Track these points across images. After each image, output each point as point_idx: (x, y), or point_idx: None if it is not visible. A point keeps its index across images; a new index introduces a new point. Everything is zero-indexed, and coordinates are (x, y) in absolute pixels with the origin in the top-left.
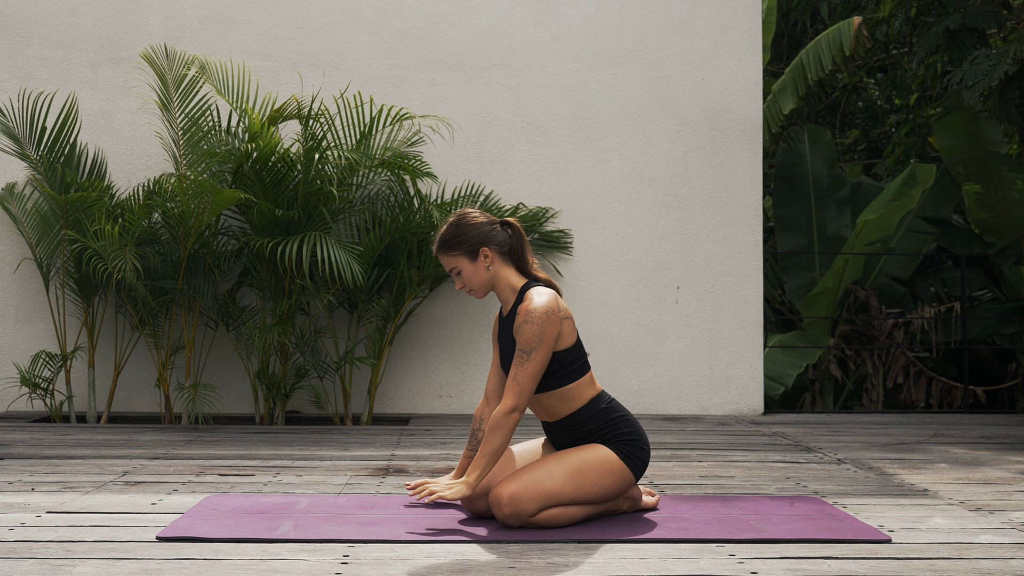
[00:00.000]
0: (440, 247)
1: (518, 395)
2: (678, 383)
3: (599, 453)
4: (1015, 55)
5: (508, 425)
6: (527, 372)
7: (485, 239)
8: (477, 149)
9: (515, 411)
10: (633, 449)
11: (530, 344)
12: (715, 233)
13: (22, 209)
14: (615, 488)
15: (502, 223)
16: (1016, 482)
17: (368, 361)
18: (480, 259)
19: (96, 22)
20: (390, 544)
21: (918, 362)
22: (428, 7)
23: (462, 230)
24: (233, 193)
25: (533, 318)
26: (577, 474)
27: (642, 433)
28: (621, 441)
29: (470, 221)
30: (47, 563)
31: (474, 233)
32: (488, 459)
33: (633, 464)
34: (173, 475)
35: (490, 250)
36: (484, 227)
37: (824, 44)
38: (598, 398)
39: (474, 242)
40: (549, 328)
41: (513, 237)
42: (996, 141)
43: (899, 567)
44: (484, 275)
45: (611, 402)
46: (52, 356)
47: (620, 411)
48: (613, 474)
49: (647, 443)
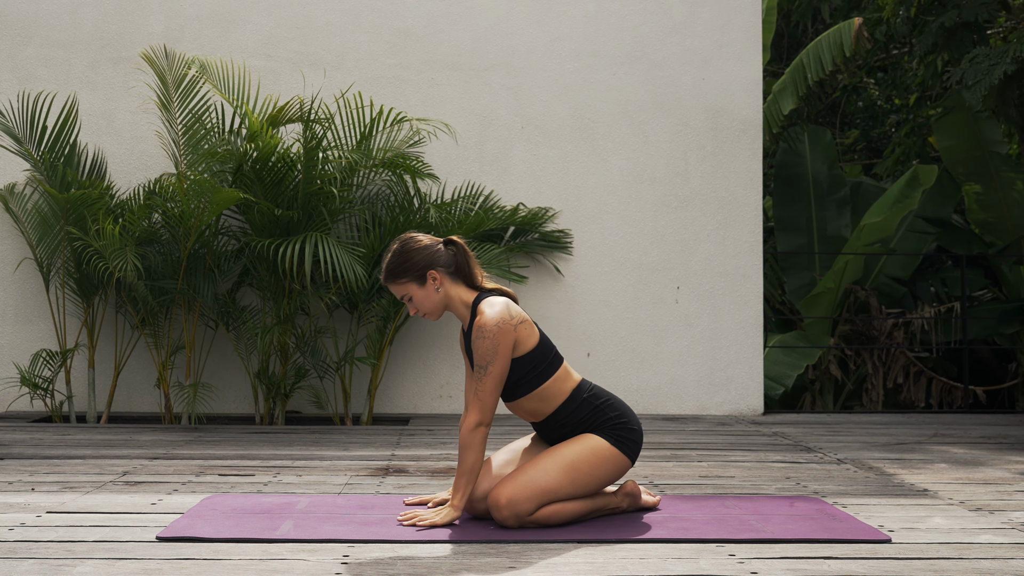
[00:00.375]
0: (387, 276)
1: (481, 410)
2: (678, 383)
3: (590, 443)
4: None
5: (477, 440)
6: (487, 386)
7: (431, 262)
8: (477, 149)
9: (481, 425)
10: (623, 432)
11: (485, 358)
12: (715, 233)
13: (22, 209)
14: (611, 476)
15: (445, 242)
16: (1016, 482)
17: (368, 361)
18: (429, 282)
19: (96, 22)
20: (390, 544)
21: (918, 362)
22: (428, 7)
23: (407, 256)
24: (233, 193)
25: (485, 332)
26: (571, 469)
27: (630, 414)
28: (610, 427)
29: (414, 246)
30: (47, 563)
31: (419, 258)
32: (467, 477)
33: (625, 448)
34: (173, 475)
35: (437, 272)
36: (428, 250)
37: (824, 44)
38: (578, 389)
39: (420, 267)
40: (502, 339)
41: (458, 255)
42: (996, 141)
43: (899, 567)
44: (435, 298)
45: (593, 389)
46: (52, 356)
47: (603, 396)
48: (607, 462)
49: (637, 423)
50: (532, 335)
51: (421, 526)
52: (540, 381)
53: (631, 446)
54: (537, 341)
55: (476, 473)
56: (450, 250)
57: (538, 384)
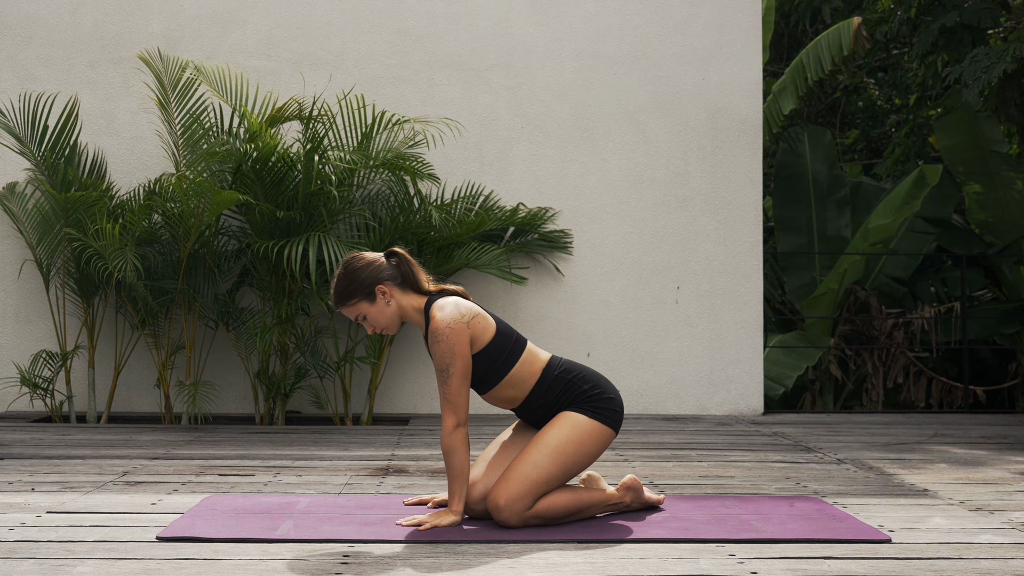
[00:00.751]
0: (338, 301)
1: (454, 411)
2: (678, 383)
3: (569, 422)
4: (1014, 54)
5: (458, 442)
6: (452, 388)
7: (377, 278)
8: (477, 149)
9: (458, 426)
10: (600, 403)
11: (444, 361)
12: (715, 233)
13: (23, 209)
14: (597, 450)
15: (387, 255)
16: (1016, 482)
17: (368, 361)
18: (379, 298)
19: (96, 22)
20: (390, 544)
21: (918, 362)
22: (428, 7)
23: (352, 277)
24: (232, 194)
25: (438, 336)
26: (558, 454)
27: (605, 383)
28: (585, 399)
29: (357, 265)
30: (47, 563)
31: (364, 276)
32: (460, 480)
33: (604, 418)
34: (173, 475)
35: (385, 286)
36: (372, 266)
37: (824, 44)
38: (548, 368)
39: (367, 284)
40: (457, 339)
41: (401, 265)
42: (996, 140)
43: (899, 567)
44: (388, 311)
45: (563, 365)
46: (52, 356)
47: (575, 370)
48: (590, 436)
49: (614, 391)
50: (487, 327)
51: (422, 531)
52: (506, 369)
53: (610, 415)
54: (494, 332)
55: (467, 473)
56: (392, 261)
57: (505, 372)
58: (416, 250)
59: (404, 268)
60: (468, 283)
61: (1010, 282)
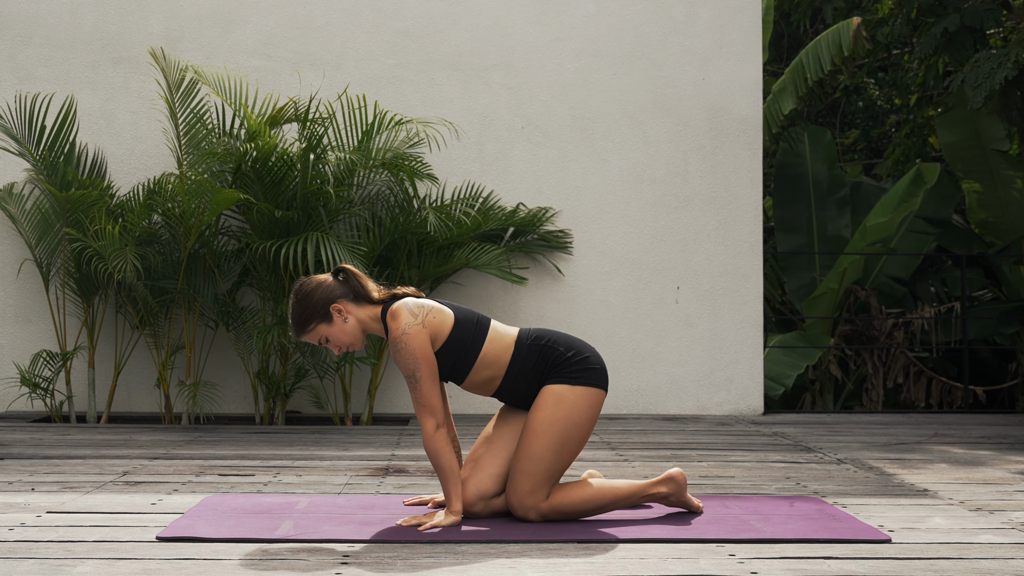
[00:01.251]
0: (297, 329)
1: (432, 413)
2: (678, 383)
3: (553, 398)
4: (1016, 58)
5: (442, 443)
6: (423, 391)
7: (329, 298)
8: (477, 149)
9: (439, 428)
10: (578, 365)
11: (409, 367)
12: (715, 233)
13: (21, 209)
14: (591, 414)
15: (335, 273)
16: (1016, 482)
17: (368, 361)
18: (336, 317)
19: (96, 22)
20: (390, 544)
21: (918, 362)
22: (428, 7)
23: (305, 302)
24: (233, 193)
25: (398, 344)
26: (553, 437)
27: (579, 344)
28: (562, 364)
29: (307, 290)
30: (47, 563)
31: (317, 299)
32: (452, 480)
33: (586, 380)
34: (173, 475)
35: (339, 304)
36: (322, 287)
37: (824, 44)
38: (520, 339)
39: (321, 307)
40: (415, 342)
41: (350, 280)
42: (998, 138)
43: (899, 567)
44: (349, 328)
45: (534, 334)
46: (52, 356)
47: (546, 336)
48: (576, 404)
49: (590, 349)
50: (444, 321)
51: (423, 531)
52: (476, 352)
53: (592, 375)
54: (452, 322)
55: (458, 472)
56: (340, 278)
57: (475, 356)
58: (416, 250)
59: (353, 283)
60: (468, 283)
61: (1010, 282)
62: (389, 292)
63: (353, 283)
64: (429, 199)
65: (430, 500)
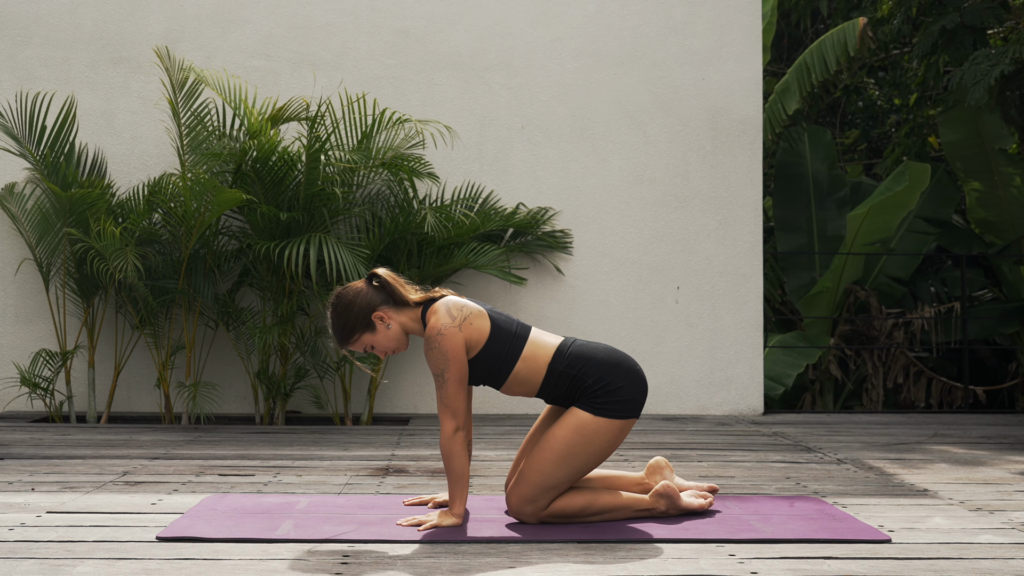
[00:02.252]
0: (341, 340)
1: (452, 415)
2: (678, 383)
3: (574, 421)
4: (1014, 55)
5: (457, 446)
6: (449, 392)
7: (370, 307)
8: (477, 149)
9: (457, 431)
10: (604, 399)
11: (439, 366)
12: (715, 233)
13: (22, 209)
14: (607, 443)
15: (368, 280)
16: (1016, 482)
17: (368, 361)
18: (379, 325)
19: (96, 22)
20: (390, 544)
21: (918, 362)
22: (428, 7)
23: (346, 314)
24: (236, 194)
25: (431, 343)
26: (563, 457)
27: (613, 373)
28: (589, 395)
29: (346, 301)
30: (47, 563)
31: (358, 310)
32: (460, 484)
33: (611, 412)
34: (173, 475)
35: (381, 311)
36: (361, 297)
37: (828, 44)
38: (554, 362)
39: (363, 317)
40: (449, 343)
41: (386, 286)
42: (999, 137)
43: (899, 567)
44: (392, 334)
45: (571, 355)
46: (52, 356)
47: (580, 363)
48: (596, 433)
49: (624, 379)
50: (482, 327)
51: (422, 531)
52: (508, 370)
53: (619, 408)
54: (489, 331)
55: (466, 477)
56: (376, 284)
57: (507, 373)
58: (416, 250)
59: (389, 288)
60: (468, 283)
61: (1010, 282)
62: (427, 295)
63: (389, 288)
64: (429, 199)
65: (430, 500)
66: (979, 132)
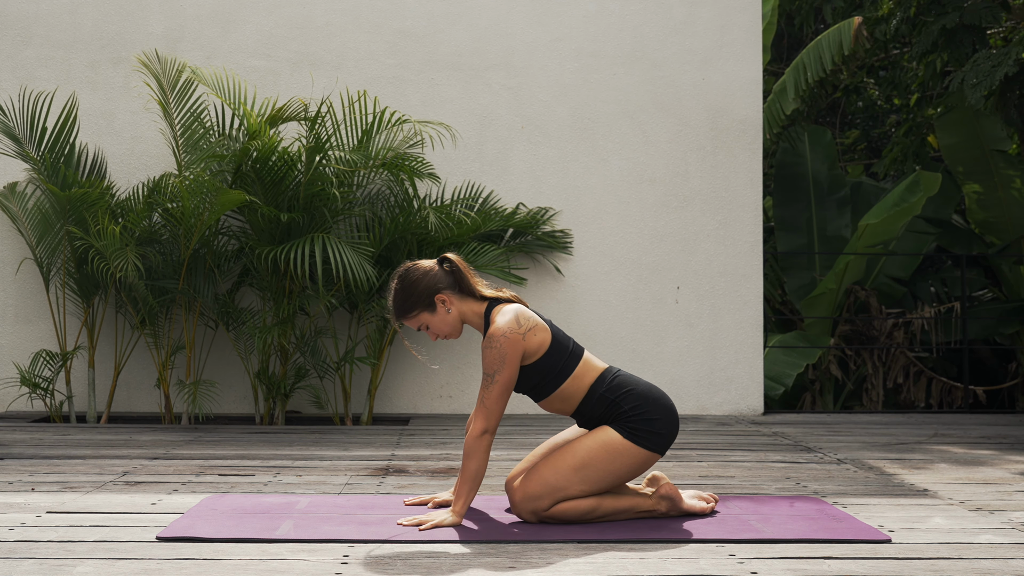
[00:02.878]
0: (398, 313)
1: (487, 417)
2: (678, 383)
3: (602, 438)
4: (1017, 56)
5: (481, 448)
6: (492, 394)
7: (435, 287)
8: (477, 149)
9: (486, 433)
10: (638, 424)
11: (492, 367)
12: (715, 233)
13: (23, 209)
14: (627, 468)
15: (440, 261)
16: (1016, 482)
17: (368, 361)
18: (439, 307)
19: (96, 22)
20: (390, 544)
21: (918, 362)
22: (428, 7)
23: (411, 290)
24: (237, 194)
25: (493, 342)
26: (582, 467)
27: (651, 405)
28: (624, 420)
29: (413, 277)
30: (47, 563)
31: (423, 288)
32: (470, 484)
33: (640, 440)
34: (173, 475)
35: (444, 295)
36: (428, 276)
37: (824, 44)
38: (596, 385)
39: (427, 296)
40: (510, 349)
41: (455, 271)
42: (998, 139)
43: (899, 567)
44: (450, 319)
45: (613, 382)
46: (52, 356)
47: (622, 388)
48: (620, 455)
49: (662, 412)
50: (543, 341)
51: (423, 530)
52: (557, 383)
53: (649, 437)
54: (548, 346)
55: (478, 480)
56: (446, 267)
57: (556, 386)
58: (416, 250)
59: (459, 275)
60: None
61: (1010, 282)
62: (496, 293)
63: (459, 275)
64: (429, 199)
65: (430, 500)
66: (978, 135)
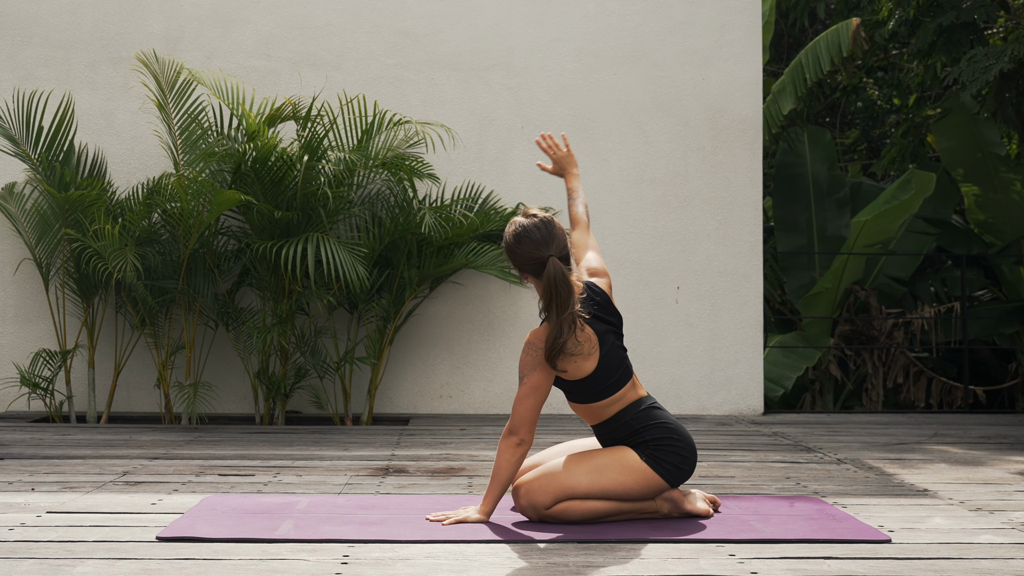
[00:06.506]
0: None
1: (513, 417)
2: (678, 383)
3: (620, 454)
4: (1013, 54)
5: (505, 449)
6: (518, 395)
7: (564, 248)
8: (477, 149)
9: (510, 435)
10: (659, 452)
11: (523, 371)
12: (715, 233)
13: (21, 209)
14: (637, 486)
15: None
16: (1016, 482)
17: (368, 361)
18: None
19: (96, 22)
20: (390, 544)
21: (918, 362)
22: (428, 7)
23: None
24: (234, 194)
25: (527, 348)
26: (594, 471)
27: (674, 440)
28: (643, 445)
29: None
30: (47, 563)
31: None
32: (496, 481)
33: (657, 465)
34: (173, 475)
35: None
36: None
37: (823, 45)
38: (625, 411)
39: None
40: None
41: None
42: (995, 142)
43: (899, 567)
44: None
45: (641, 412)
46: (52, 356)
47: (650, 420)
48: (633, 472)
49: (684, 448)
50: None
51: (448, 524)
52: (586, 401)
53: (666, 466)
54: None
55: (505, 480)
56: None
57: (584, 402)
58: (416, 250)
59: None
60: (468, 283)
61: (1010, 282)
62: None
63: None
64: (429, 199)
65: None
66: (976, 138)
